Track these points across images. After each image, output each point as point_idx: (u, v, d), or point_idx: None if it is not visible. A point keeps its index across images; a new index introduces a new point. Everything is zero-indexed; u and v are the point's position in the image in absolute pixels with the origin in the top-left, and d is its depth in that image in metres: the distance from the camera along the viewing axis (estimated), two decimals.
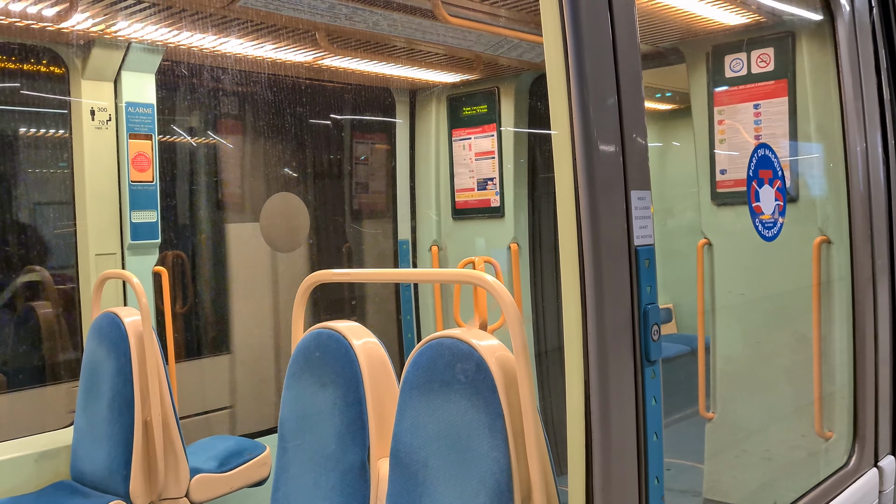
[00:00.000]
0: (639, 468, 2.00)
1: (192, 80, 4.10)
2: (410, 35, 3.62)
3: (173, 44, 3.56)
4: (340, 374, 2.23)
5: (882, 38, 3.65)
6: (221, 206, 4.55)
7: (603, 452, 1.91)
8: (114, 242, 3.60)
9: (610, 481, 1.92)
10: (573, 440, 1.94)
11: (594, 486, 1.90)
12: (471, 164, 4.83)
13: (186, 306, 4.38)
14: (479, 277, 2.02)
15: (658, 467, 2.05)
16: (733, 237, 3.84)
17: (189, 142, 4.35)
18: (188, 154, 4.40)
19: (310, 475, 2.23)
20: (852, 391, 3.35)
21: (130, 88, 3.60)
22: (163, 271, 3.72)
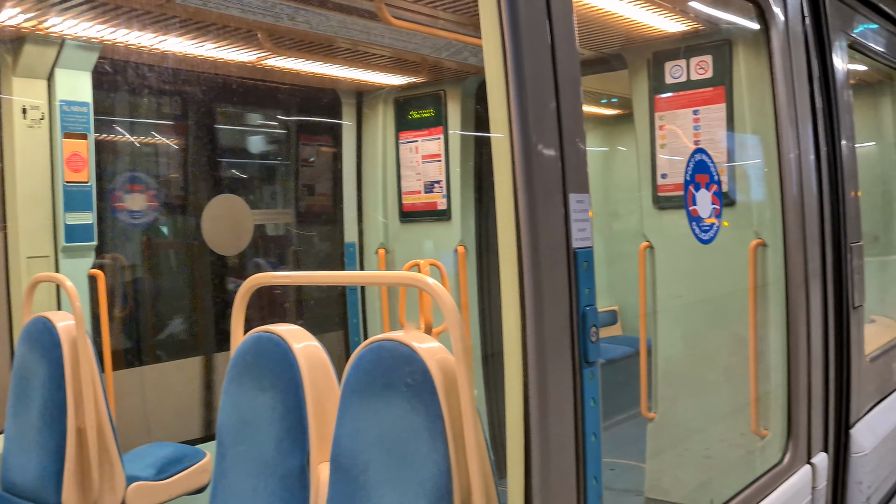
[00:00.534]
0: (577, 469, 2.02)
1: (130, 79, 4.01)
2: (355, 37, 3.60)
3: (110, 41, 3.48)
4: (280, 378, 2.21)
5: (814, 48, 3.76)
6: (163, 208, 4.46)
7: (541, 454, 1.92)
8: (47, 245, 3.49)
9: (548, 482, 1.94)
10: (512, 442, 1.95)
11: (533, 488, 1.91)
12: (418, 166, 4.83)
13: (126, 310, 4.28)
14: (419, 280, 2.01)
15: (596, 467, 2.07)
16: (673, 240, 3.92)
17: (129, 141, 4.25)
18: (128, 154, 4.30)
19: (248, 481, 2.20)
20: (786, 390, 3.44)
21: (65, 86, 3.50)
22: (99, 274, 3.62)
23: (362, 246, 4.96)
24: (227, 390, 2.30)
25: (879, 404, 4.35)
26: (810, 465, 3.53)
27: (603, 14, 3.41)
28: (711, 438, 3.93)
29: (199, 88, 4.22)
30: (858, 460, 3.94)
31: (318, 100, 4.85)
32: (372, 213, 5.00)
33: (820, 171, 3.71)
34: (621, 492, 4.24)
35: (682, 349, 4.05)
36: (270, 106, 4.73)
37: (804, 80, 3.64)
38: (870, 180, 5.02)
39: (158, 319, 4.39)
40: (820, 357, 3.63)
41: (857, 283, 3.98)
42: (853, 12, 4.39)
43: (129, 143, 4.19)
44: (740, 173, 3.71)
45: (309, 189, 5.07)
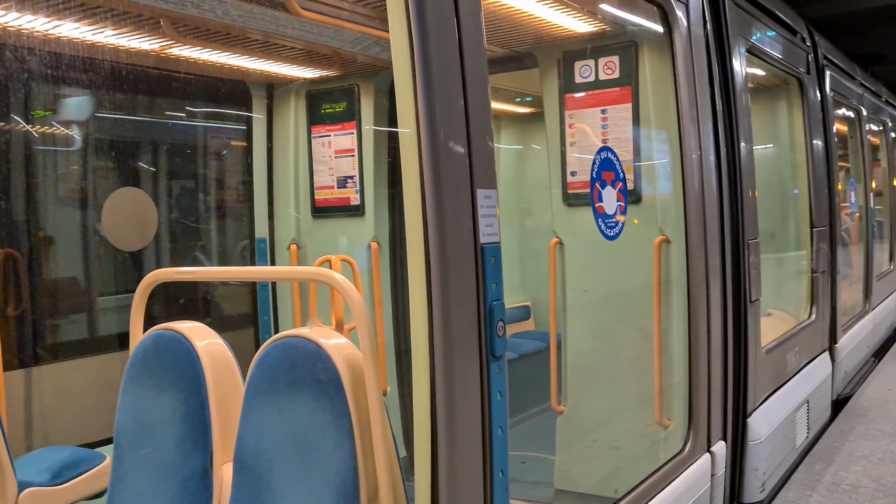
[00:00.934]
0: (484, 462, 2.04)
1: (27, 66, 3.80)
2: (263, 27, 3.52)
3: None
4: (182, 377, 2.14)
5: (715, 52, 3.91)
6: (64, 201, 4.25)
7: (448, 448, 1.93)
8: None
9: (455, 476, 1.95)
10: (419, 437, 1.95)
11: (439, 482, 1.92)
12: (330, 161, 4.77)
13: (20, 309, 4.07)
14: (327, 275, 1.99)
15: (503, 460, 2.09)
16: (582, 237, 4.00)
17: (23, 131, 4.04)
18: (22, 145, 4.08)
19: (147, 484, 2.13)
20: (688, 382, 3.57)
21: None
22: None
23: (273, 242, 4.86)
24: (126, 390, 2.22)
25: (774, 394, 4.57)
26: (710, 453, 3.67)
27: (513, 12, 3.44)
28: (618, 430, 4.04)
29: (100, 77, 4.04)
30: (755, 447, 4.13)
31: (226, 92, 4.72)
32: (284, 209, 4.91)
33: (720, 171, 3.86)
34: (532, 484, 4.30)
35: (591, 343, 4.14)
36: (177, 97, 4.58)
37: (705, 83, 3.78)
38: (766, 180, 5.25)
39: (55, 317, 4.20)
40: (719, 349, 3.78)
41: (753, 278, 4.16)
42: (752, 19, 4.59)
43: (25, 132, 3.99)
44: (646, 172, 3.82)
45: (218, 183, 4.94)
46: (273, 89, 4.82)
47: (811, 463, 4.86)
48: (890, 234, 9.66)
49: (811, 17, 6.70)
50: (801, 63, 5.67)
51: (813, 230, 5.55)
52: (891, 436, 5.34)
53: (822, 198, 5.78)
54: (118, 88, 4.05)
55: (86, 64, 3.77)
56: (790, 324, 5.37)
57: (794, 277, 5.74)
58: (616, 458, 4.01)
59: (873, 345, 8.06)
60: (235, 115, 4.90)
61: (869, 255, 7.97)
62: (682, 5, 3.58)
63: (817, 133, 5.83)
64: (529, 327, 7.08)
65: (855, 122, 7.93)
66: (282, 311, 4.92)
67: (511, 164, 7.08)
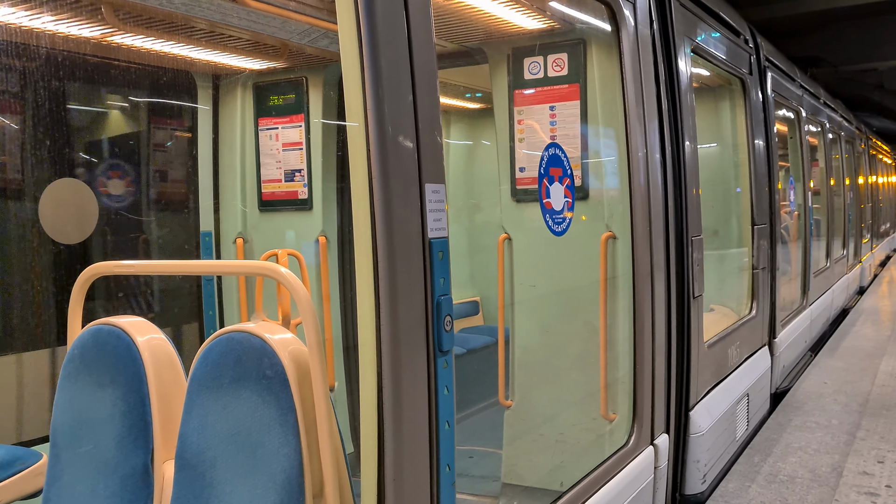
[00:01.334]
0: (430, 457, 2.04)
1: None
2: (209, 16, 3.45)
3: None
4: (122, 373, 2.09)
5: (661, 52, 3.97)
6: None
7: (395, 442, 1.93)
8: None
9: (402, 471, 1.95)
10: (366, 432, 1.94)
11: (386, 477, 1.91)
12: (278, 154, 4.71)
13: None
14: (272, 269, 1.96)
15: (449, 455, 2.10)
16: (530, 232, 4.02)
17: None
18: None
19: (85, 482, 2.07)
20: (632, 376, 3.63)
21: None
22: None
23: (219, 235, 4.78)
24: (63, 387, 2.16)
25: (716, 387, 4.68)
26: (653, 445, 3.74)
27: (463, 7, 3.45)
28: (564, 423, 4.08)
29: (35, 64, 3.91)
30: (697, 440, 4.22)
31: (170, 82, 4.61)
32: (230, 202, 4.82)
33: (665, 169, 3.93)
34: (479, 478, 4.32)
35: (538, 338, 4.17)
36: (118, 86, 4.46)
37: (652, 82, 3.83)
38: (710, 179, 5.36)
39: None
40: (663, 344, 3.85)
41: (696, 274, 4.25)
42: (697, 19, 4.67)
43: None
44: (593, 168, 3.86)
45: (161, 175, 4.83)
46: (219, 80, 4.73)
47: (751, 454, 4.99)
48: (827, 232, 9.97)
49: (754, 20, 6.87)
50: (744, 64, 5.81)
51: (754, 228, 5.69)
52: (826, 427, 5.51)
53: (762, 196, 5.93)
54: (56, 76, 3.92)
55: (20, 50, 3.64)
56: (731, 319, 5.50)
57: (735, 274, 5.88)
58: (562, 452, 4.05)
59: (810, 339, 8.32)
60: (180, 107, 4.79)
61: (807, 253, 8.22)
62: (630, 5, 3.62)
63: (759, 133, 5.97)
64: (478, 322, 7.10)
65: (794, 122, 8.16)
66: (227, 306, 4.85)
67: (461, 160, 7.09)
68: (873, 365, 7.45)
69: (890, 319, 10.16)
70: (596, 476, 3.18)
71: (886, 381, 6.81)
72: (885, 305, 11.50)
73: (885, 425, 5.50)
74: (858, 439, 5.20)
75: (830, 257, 10.04)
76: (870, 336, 9.01)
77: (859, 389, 6.54)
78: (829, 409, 5.97)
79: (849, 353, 8.08)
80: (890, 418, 5.66)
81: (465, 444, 4.64)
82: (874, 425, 5.51)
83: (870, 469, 4.65)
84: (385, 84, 1.94)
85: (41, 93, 3.91)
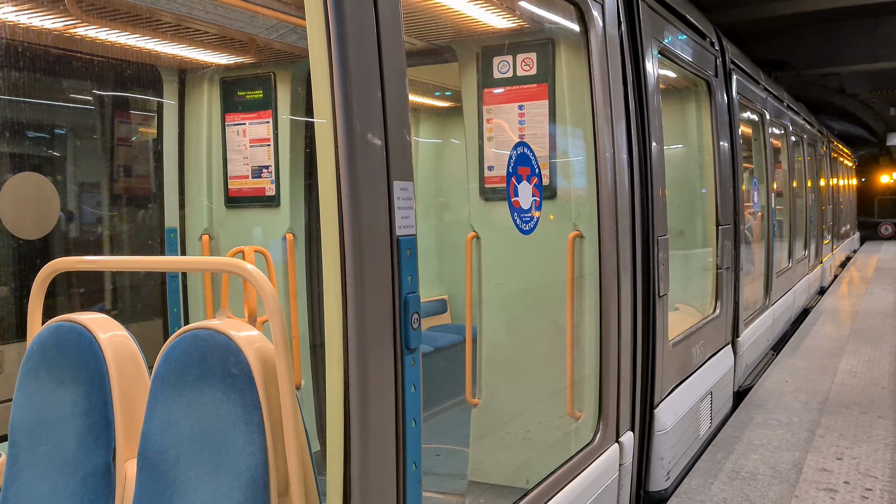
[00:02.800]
0: (397, 455, 2.04)
1: None
2: (175, 9, 3.40)
3: None
4: (83, 370, 2.06)
5: (629, 53, 4.00)
6: None
7: (361, 440, 1.92)
8: None
9: (368, 469, 1.94)
10: (332, 429, 1.93)
11: (352, 475, 1.91)
12: (245, 150, 4.66)
13: None
14: (238, 266, 1.94)
15: (416, 453, 2.10)
16: (498, 231, 4.04)
17: None
18: None
19: (45, 482, 2.03)
20: (598, 375, 3.66)
21: None
22: None
23: (184, 231, 4.72)
24: (22, 385, 2.11)
25: (680, 386, 4.74)
26: (618, 443, 3.77)
27: (432, 5, 3.44)
28: (531, 421, 4.10)
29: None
30: (661, 437, 4.27)
31: (135, 75, 4.54)
32: (196, 198, 4.77)
33: (632, 169, 3.97)
34: (445, 476, 4.33)
35: (505, 336, 4.19)
36: (81, 79, 4.38)
37: (619, 83, 3.87)
38: (676, 179, 5.43)
39: None
40: (628, 343, 3.88)
41: (662, 273, 4.29)
42: (664, 22, 4.72)
43: None
44: (561, 168, 3.88)
45: (126, 170, 4.76)
46: (185, 74, 4.67)
47: (713, 452, 5.06)
48: (789, 233, 10.14)
49: (720, 23, 6.96)
50: (710, 66, 5.88)
51: (718, 228, 5.77)
52: (786, 425, 5.62)
53: (727, 197, 6.01)
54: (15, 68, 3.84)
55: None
56: (696, 318, 5.57)
57: (700, 273, 5.96)
58: (528, 450, 4.07)
59: (772, 338, 8.46)
60: (145, 101, 4.72)
61: (770, 253, 8.36)
62: (598, 6, 3.65)
63: (724, 134, 6.06)
64: (446, 321, 7.11)
65: (759, 125, 8.29)
66: (192, 303, 4.79)
67: (429, 158, 7.09)
68: (833, 364, 7.61)
69: (849, 319, 10.38)
70: (562, 473, 3.21)
71: (845, 379, 6.96)
72: (845, 305, 11.74)
73: (844, 423, 5.62)
74: (818, 436, 5.31)
75: (792, 258, 10.22)
76: (830, 335, 9.20)
77: (819, 388, 6.67)
78: (790, 407, 6.08)
79: (809, 351, 8.24)
80: (849, 416, 5.79)
81: (432, 443, 4.64)
82: (833, 423, 5.63)
83: (829, 466, 4.74)
84: (353, 80, 1.93)
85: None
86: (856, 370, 7.32)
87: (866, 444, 5.12)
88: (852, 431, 5.41)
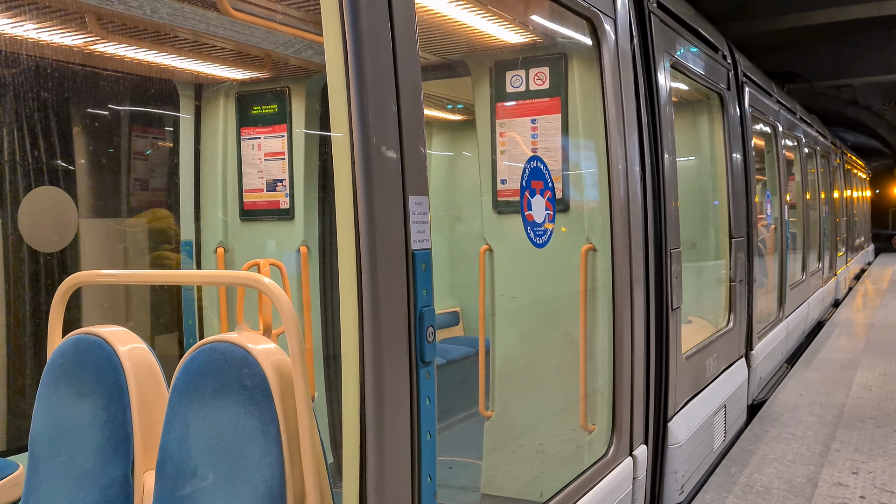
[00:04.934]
0: (412, 467, 2.05)
1: None
2: (193, 26, 3.45)
3: None
4: (102, 382, 2.08)
5: (641, 66, 4.02)
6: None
7: (377, 453, 1.93)
8: None
9: (384, 481, 1.95)
10: (348, 442, 1.95)
11: (368, 487, 1.92)
12: (260, 164, 4.71)
13: None
14: (255, 280, 1.97)
15: (431, 466, 2.11)
16: (511, 244, 4.05)
17: None
18: None
19: (64, 493, 2.06)
20: (611, 387, 3.65)
21: None
22: None
23: (199, 244, 4.76)
24: (42, 397, 2.14)
25: (693, 399, 4.72)
26: (632, 457, 3.76)
27: (447, 21, 3.47)
28: (544, 434, 4.10)
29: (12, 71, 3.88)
30: (674, 451, 4.25)
31: (152, 90, 4.60)
32: (211, 211, 4.81)
33: (645, 182, 3.98)
34: (458, 489, 4.33)
35: (519, 349, 4.19)
36: (99, 94, 4.44)
37: (632, 96, 3.88)
38: (688, 191, 5.43)
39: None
40: (642, 355, 3.88)
41: (675, 286, 4.29)
42: (676, 35, 4.74)
43: None
44: (573, 181, 3.90)
45: (142, 183, 4.81)
46: (202, 90, 4.72)
47: (728, 465, 5.04)
48: (803, 245, 10.10)
49: (732, 36, 6.98)
50: (722, 79, 5.89)
51: (731, 240, 5.76)
52: (801, 439, 5.58)
53: (740, 209, 6.01)
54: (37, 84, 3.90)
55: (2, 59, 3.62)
56: (709, 331, 5.55)
57: (713, 286, 5.94)
58: (542, 463, 4.07)
59: (786, 351, 8.41)
60: (161, 116, 4.78)
61: (783, 266, 8.32)
62: (611, 20, 3.67)
63: (736, 147, 6.06)
64: (458, 333, 7.12)
65: (771, 137, 8.28)
66: (208, 317, 4.83)
67: (442, 171, 7.12)
68: (848, 377, 7.55)
69: (864, 332, 10.31)
70: (575, 487, 3.20)
71: (861, 393, 6.91)
72: (860, 318, 11.66)
73: (860, 437, 5.58)
74: (833, 451, 5.27)
75: (806, 270, 10.17)
76: (844, 348, 9.14)
77: (834, 401, 6.62)
78: (804, 421, 6.04)
79: (824, 365, 8.19)
80: (864, 430, 5.74)
81: (445, 455, 4.64)
82: (849, 437, 5.59)
83: (844, 480, 4.71)
84: (370, 95, 1.96)
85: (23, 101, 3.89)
86: (871, 383, 7.26)
87: (882, 458, 5.08)
88: (868, 445, 5.36)
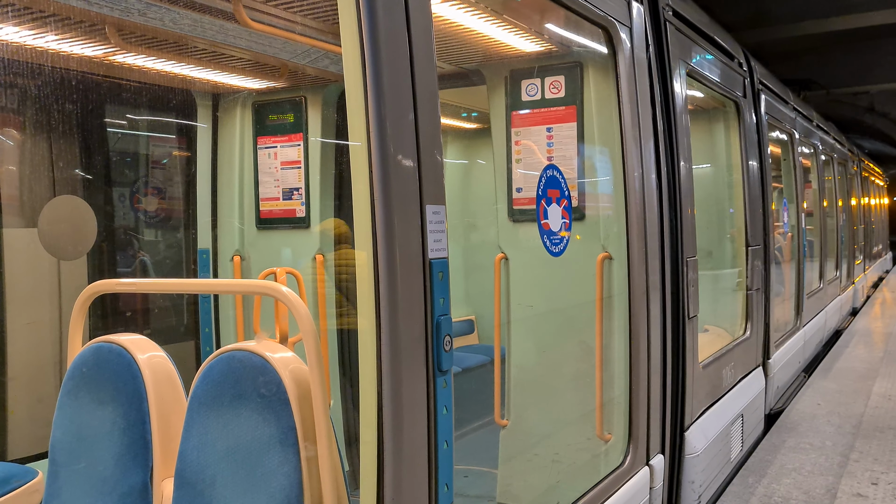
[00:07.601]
0: (429, 476, 2.05)
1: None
2: (211, 37, 3.48)
3: None
4: (122, 390, 2.10)
5: (657, 74, 4.02)
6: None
7: (394, 462, 1.93)
8: None
9: (401, 490, 1.95)
10: (365, 451, 1.95)
11: (385, 496, 1.92)
12: (276, 172, 4.74)
13: None
14: (273, 288, 1.98)
15: (448, 475, 2.10)
16: (527, 252, 4.05)
17: None
18: None
19: (84, 500, 2.07)
20: (628, 396, 3.64)
21: None
22: None
23: (216, 253, 4.79)
24: (63, 404, 2.16)
25: (710, 408, 4.68)
26: (649, 466, 3.74)
27: (463, 30, 3.49)
28: (560, 443, 4.08)
29: (36, 81, 3.93)
30: (692, 461, 4.22)
31: (170, 100, 4.64)
32: (227, 219, 4.84)
33: (661, 190, 3.96)
34: (474, 498, 4.32)
35: (534, 357, 4.18)
36: (118, 104, 4.48)
37: (647, 104, 3.88)
38: (704, 199, 5.40)
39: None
40: (658, 364, 3.86)
41: (692, 295, 4.27)
42: (692, 43, 4.73)
43: None
44: (589, 189, 3.89)
45: (159, 192, 4.85)
46: (219, 99, 4.76)
47: (745, 476, 4.99)
48: (820, 253, 10.02)
49: (748, 43, 6.95)
50: (738, 87, 5.87)
51: (748, 249, 5.73)
52: (819, 449, 5.52)
53: (756, 217, 5.97)
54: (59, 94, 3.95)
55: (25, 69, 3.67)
56: (726, 340, 5.52)
57: (729, 294, 5.90)
58: (557, 472, 4.05)
59: (804, 360, 8.34)
60: (179, 125, 4.82)
61: (800, 274, 8.26)
62: (626, 28, 3.67)
63: (753, 154, 6.03)
64: (473, 341, 7.11)
65: (788, 144, 8.23)
66: (224, 325, 4.85)
67: (457, 179, 7.13)
68: (866, 386, 7.48)
69: (883, 341, 10.20)
70: (591, 496, 3.18)
71: (879, 402, 6.83)
72: (878, 327, 11.54)
73: (879, 447, 5.51)
74: (852, 461, 5.21)
75: (823, 278, 10.09)
76: (863, 357, 9.05)
77: (853, 411, 6.55)
78: (822, 431, 5.98)
79: (842, 374, 8.11)
80: (883, 440, 5.68)
81: (461, 464, 4.63)
82: (868, 447, 5.52)
83: (864, 491, 4.65)
84: (387, 104, 1.97)
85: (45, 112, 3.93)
86: (890, 393, 7.18)
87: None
88: (887, 456, 5.30)
